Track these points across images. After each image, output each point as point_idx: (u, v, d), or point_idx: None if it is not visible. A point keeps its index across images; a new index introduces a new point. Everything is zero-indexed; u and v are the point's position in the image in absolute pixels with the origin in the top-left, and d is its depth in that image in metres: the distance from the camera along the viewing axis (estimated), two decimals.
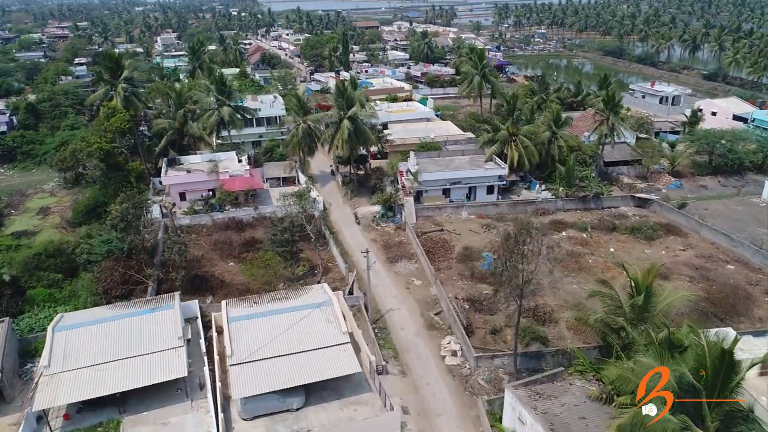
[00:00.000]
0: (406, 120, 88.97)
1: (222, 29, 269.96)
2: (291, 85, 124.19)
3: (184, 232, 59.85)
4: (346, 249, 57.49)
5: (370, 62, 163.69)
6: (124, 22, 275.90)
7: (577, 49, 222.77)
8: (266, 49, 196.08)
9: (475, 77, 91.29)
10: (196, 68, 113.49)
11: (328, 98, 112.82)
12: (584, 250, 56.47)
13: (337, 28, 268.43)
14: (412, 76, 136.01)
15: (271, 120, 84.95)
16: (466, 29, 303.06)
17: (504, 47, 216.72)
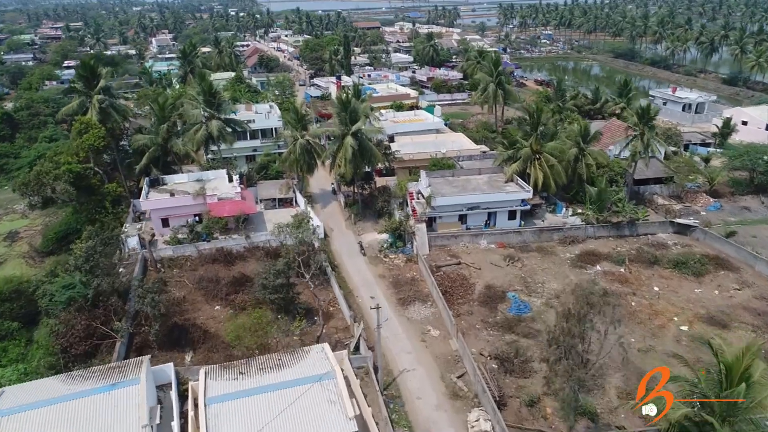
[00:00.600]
0: (414, 132, 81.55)
1: (219, 30, 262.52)
2: (289, 89, 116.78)
3: (165, 266, 52.52)
4: (350, 286, 50.12)
5: (373, 65, 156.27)
6: (119, 22, 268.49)
7: (586, 51, 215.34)
8: (264, 51, 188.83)
9: (489, 85, 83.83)
10: (187, 73, 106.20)
11: (329, 106, 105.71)
12: (624, 288, 49.07)
13: (337, 29, 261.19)
14: (418, 80, 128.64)
15: (266, 132, 77.58)
16: (469, 30, 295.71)
17: (510, 49, 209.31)
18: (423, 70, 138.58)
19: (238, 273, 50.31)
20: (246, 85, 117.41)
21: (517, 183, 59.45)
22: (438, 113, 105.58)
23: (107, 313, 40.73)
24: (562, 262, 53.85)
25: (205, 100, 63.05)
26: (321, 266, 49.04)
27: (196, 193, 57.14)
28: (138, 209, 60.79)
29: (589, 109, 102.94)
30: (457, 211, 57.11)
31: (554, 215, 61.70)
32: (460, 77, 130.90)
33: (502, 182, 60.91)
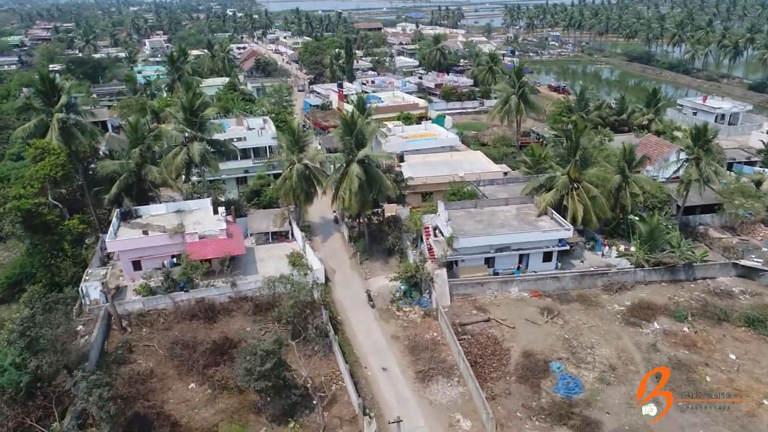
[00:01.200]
0: (427, 149, 72.55)
1: (216, 31, 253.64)
2: (287, 97, 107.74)
3: (132, 323, 43.47)
4: (356, 353, 41.13)
5: (376, 70, 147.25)
6: (112, 23, 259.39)
7: (597, 53, 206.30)
8: (262, 53, 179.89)
9: (511, 98, 74.49)
10: (175, 81, 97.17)
11: (330, 116, 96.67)
12: (692, 356, 40.02)
13: (338, 30, 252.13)
14: (425, 87, 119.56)
15: (259, 151, 68.50)
16: (473, 31, 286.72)
17: (518, 51, 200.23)
18: (430, 76, 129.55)
19: (220, 335, 41.23)
20: (240, 93, 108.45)
21: (553, 218, 50.40)
22: (449, 124, 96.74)
23: (48, 405, 31.72)
24: (611, 316, 44.83)
25: (186, 119, 53.95)
26: (321, 327, 40.08)
27: (173, 231, 48.10)
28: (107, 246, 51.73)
29: (614, 121, 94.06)
30: (484, 253, 48.07)
31: (594, 253, 52.68)
32: (471, 83, 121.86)
33: (533, 215, 51.87)
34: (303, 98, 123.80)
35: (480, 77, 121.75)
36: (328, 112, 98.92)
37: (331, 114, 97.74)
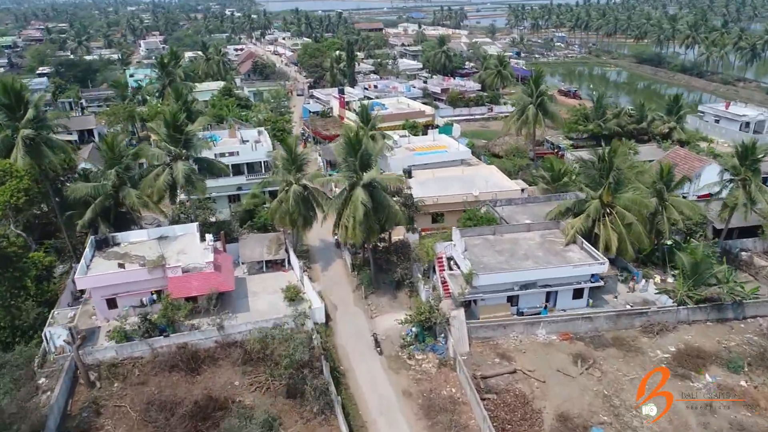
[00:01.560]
0: (436, 163, 66.73)
1: (213, 32, 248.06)
2: (285, 104, 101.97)
3: (102, 376, 37.62)
4: (362, 415, 35.28)
5: (378, 73, 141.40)
6: (107, 24, 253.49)
7: (605, 55, 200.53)
8: (260, 55, 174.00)
9: (528, 108, 68.32)
10: (166, 86, 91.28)
11: (330, 125, 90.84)
12: (756, 419, 34.19)
13: (338, 31, 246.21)
14: (430, 92, 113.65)
15: (254, 166, 62.64)
16: (476, 31, 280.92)
17: (524, 53, 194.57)
18: (435, 80, 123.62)
19: (203, 393, 35.37)
20: (235, 99, 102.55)
21: (584, 248, 44.52)
22: (457, 132, 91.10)
23: None
24: (654, 366, 38.94)
25: (169, 136, 48.05)
26: (320, 387, 34.25)
27: (153, 264, 42.25)
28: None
29: (633, 130, 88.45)
30: (507, 290, 42.21)
31: (625, 286, 46.82)
32: (478, 88, 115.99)
33: (560, 244, 46.01)
34: (302, 104, 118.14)
35: (488, 81, 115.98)
36: (328, 119, 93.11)
37: (332, 122, 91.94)
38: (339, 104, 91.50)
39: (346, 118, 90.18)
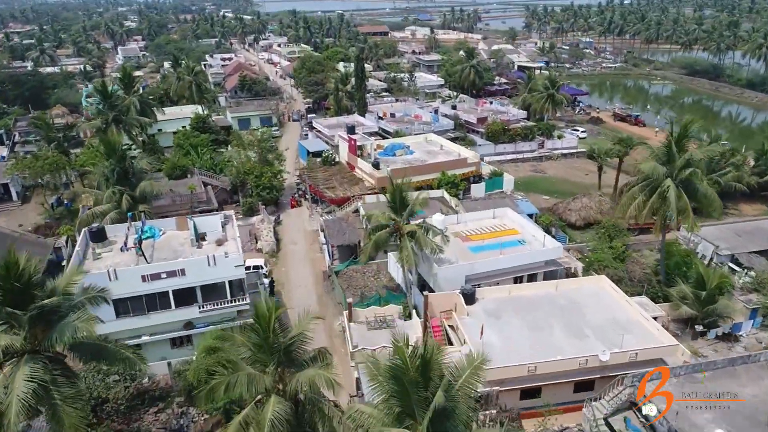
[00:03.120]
0: (510, 270, 41.72)
1: (201, 37, 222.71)
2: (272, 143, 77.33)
3: None
4: None
5: (391, 91, 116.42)
6: (83, 27, 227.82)
7: (645, 65, 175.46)
8: (249, 67, 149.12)
9: (669, 189, 39.95)
10: (110, 124, 66.19)
11: (335, 179, 65.79)
12: None
13: (340, 36, 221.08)
14: (463, 122, 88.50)
15: (215, 289, 37.23)
16: (491, 35, 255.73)
17: (554, 63, 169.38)
18: (467, 104, 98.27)
19: None
20: (209, 135, 77.56)
21: None
22: (509, 184, 66.50)
23: None
24: None
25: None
26: None
27: None
28: None
29: (756, 185, 64.19)
30: None
31: None
32: (523, 116, 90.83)
33: None
34: (298, 137, 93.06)
35: (536, 106, 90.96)
36: (333, 168, 68.03)
37: (339, 172, 66.90)
38: (348, 148, 66.48)
39: (358, 168, 65.20)
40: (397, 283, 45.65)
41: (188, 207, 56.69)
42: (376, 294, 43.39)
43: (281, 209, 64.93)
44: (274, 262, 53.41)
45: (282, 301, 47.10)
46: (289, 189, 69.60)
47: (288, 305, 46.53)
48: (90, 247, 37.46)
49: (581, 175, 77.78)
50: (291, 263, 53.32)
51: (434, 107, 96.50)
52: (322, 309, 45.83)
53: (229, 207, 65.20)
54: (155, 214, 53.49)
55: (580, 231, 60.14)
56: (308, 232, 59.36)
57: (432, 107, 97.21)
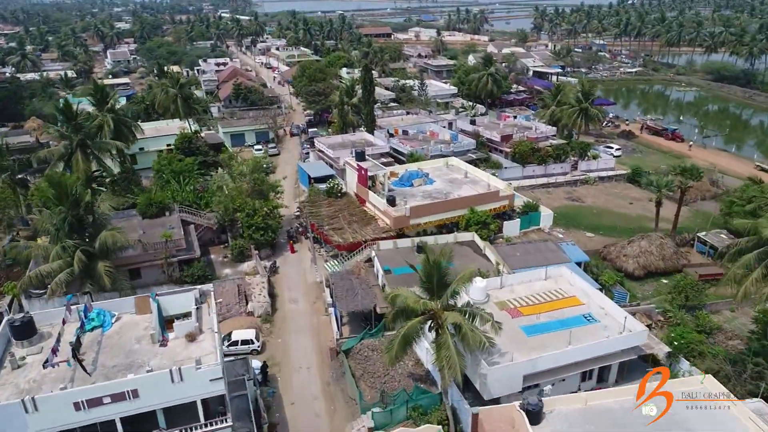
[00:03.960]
0: (580, 365, 31.36)
1: (196, 39, 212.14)
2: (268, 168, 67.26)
3: None
4: None
5: (400, 101, 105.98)
6: (72, 29, 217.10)
7: (665, 69, 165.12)
8: (244, 74, 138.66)
9: None
10: (74, 150, 55.75)
11: (342, 215, 55.30)
12: None
13: (342, 38, 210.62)
14: (485, 140, 78.03)
15: (176, 412, 26.76)
16: (498, 37, 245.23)
17: (569, 67, 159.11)
18: (487, 119, 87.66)
19: None
20: (196, 158, 67.33)
21: None
22: (547, 219, 56.44)
23: None
24: None
25: None
26: None
27: None
28: None
29: None
30: None
31: None
32: (552, 133, 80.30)
33: None
34: (298, 155, 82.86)
35: (566, 121, 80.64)
36: (340, 201, 57.55)
37: (346, 206, 56.40)
38: (358, 178, 56.06)
39: (370, 203, 54.82)
40: (426, 370, 35.30)
41: (164, 257, 46.37)
42: (401, 390, 32.96)
43: (278, 252, 54.51)
44: (268, 329, 42.99)
45: (278, 390, 36.73)
46: (288, 222, 59.29)
47: (285, 396, 36.28)
48: (10, 349, 27.03)
49: (624, 203, 67.50)
50: (290, 332, 42.92)
51: (451, 121, 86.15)
52: (328, 404, 35.47)
53: (216, 248, 55.24)
54: (122, 266, 43.48)
55: (639, 281, 49.91)
56: (310, 285, 48.98)
57: (447, 121, 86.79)
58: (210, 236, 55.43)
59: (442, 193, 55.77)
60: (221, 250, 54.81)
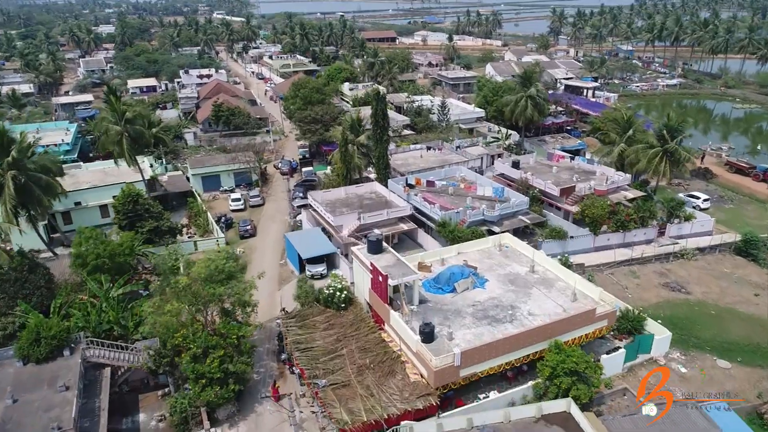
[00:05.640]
0: None
1: (181, 45, 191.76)
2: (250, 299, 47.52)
3: None
4: None
5: (416, 127, 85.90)
6: (45, 35, 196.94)
7: (710, 80, 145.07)
8: (233, 85, 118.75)
9: None
10: None
11: (347, 355, 34.95)
12: None
13: (343, 45, 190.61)
14: (538, 193, 57.59)
15: None
16: (511, 41, 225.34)
17: (603, 78, 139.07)
18: (531, 160, 67.17)
19: None
20: (141, 230, 47.68)
21: None
22: (664, 343, 36.29)
23: None
24: None
25: None
26: None
27: None
28: None
29: None
30: None
31: None
32: (625, 181, 59.99)
33: None
34: (287, 214, 62.84)
35: (643, 167, 60.58)
36: (343, 318, 37.40)
37: (354, 330, 36.22)
38: (372, 284, 36.08)
39: (391, 328, 34.79)
40: None
41: None
42: None
43: (248, 405, 34.49)
44: None
45: None
46: (268, 335, 39.54)
47: None
48: None
49: (747, 295, 47.52)
50: None
51: (484, 158, 66.16)
52: None
53: (148, 399, 35.25)
54: None
55: None
56: None
57: (477, 156, 66.77)
58: (141, 376, 35.50)
59: (503, 308, 35.87)
60: (156, 402, 34.85)
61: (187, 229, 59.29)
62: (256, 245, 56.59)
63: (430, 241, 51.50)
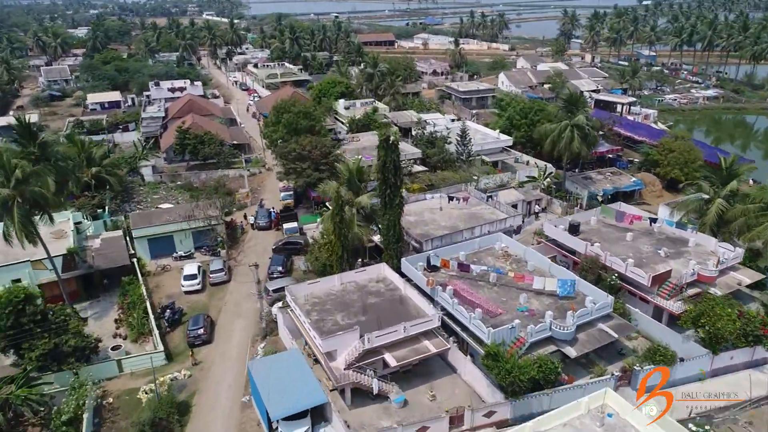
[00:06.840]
0: None
1: (161, 51, 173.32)
2: None
3: None
4: None
5: (429, 163, 68.22)
6: (8, 38, 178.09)
7: (749, 91, 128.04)
8: (214, 97, 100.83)
9: None
10: None
11: None
12: None
13: (337, 48, 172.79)
14: (616, 281, 40.00)
15: None
16: (517, 44, 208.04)
17: (631, 91, 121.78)
18: (593, 219, 49.66)
19: None
20: (35, 357, 29.46)
21: None
22: None
23: None
24: None
25: None
26: None
27: None
28: None
29: None
30: None
31: None
32: (737, 258, 42.48)
33: None
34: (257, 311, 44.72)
35: (754, 236, 43.00)
36: None
37: None
38: None
39: None
40: None
41: None
42: None
43: None
44: None
45: None
46: None
47: None
48: None
49: None
50: None
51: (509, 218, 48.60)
52: None
53: None
54: None
55: None
56: None
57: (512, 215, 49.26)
58: None
59: None
60: None
61: (116, 329, 41.63)
62: (213, 359, 38.87)
63: (467, 366, 34.00)
